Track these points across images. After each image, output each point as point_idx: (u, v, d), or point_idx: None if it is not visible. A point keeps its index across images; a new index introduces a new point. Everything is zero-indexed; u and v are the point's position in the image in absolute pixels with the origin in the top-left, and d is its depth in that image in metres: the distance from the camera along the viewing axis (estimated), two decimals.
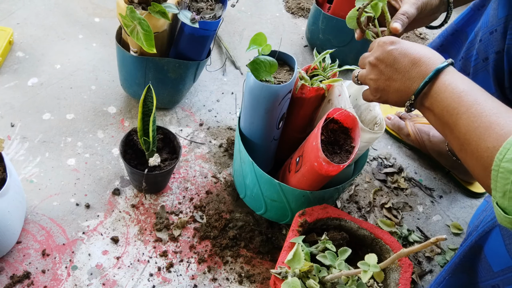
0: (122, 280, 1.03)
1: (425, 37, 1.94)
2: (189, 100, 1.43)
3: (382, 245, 0.94)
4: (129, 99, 1.38)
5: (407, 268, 0.89)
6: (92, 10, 1.62)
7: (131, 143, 1.13)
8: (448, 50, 1.21)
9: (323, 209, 0.95)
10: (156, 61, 1.19)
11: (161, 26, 1.12)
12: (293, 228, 0.92)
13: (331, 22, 1.53)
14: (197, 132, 1.35)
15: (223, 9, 1.16)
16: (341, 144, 0.93)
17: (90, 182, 1.17)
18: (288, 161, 1.08)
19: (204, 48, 1.21)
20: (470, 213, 1.35)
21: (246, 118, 1.02)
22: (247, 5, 1.84)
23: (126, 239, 1.09)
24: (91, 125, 1.29)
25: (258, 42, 0.91)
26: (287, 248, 0.88)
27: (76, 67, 1.42)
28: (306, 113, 1.05)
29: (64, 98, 1.33)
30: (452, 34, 1.20)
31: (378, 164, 1.41)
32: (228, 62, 1.59)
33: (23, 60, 1.40)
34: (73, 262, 1.03)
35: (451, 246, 1.26)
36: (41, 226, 1.07)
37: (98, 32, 1.55)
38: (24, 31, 1.48)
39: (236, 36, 1.69)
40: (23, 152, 1.19)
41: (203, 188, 1.22)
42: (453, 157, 1.34)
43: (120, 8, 1.05)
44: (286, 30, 1.79)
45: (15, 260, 1.01)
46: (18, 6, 1.56)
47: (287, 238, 0.91)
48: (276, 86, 0.90)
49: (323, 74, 1.01)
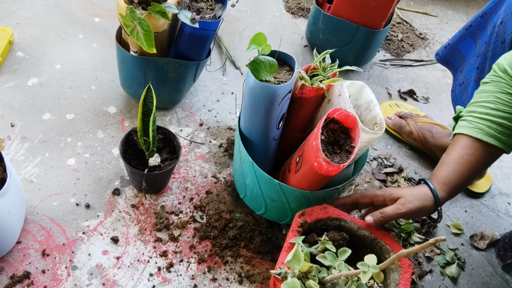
0: (122, 280, 1.03)
1: (425, 37, 1.94)
2: (189, 100, 1.43)
3: (382, 245, 0.94)
4: (129, 99, 1.38)
5: (407, 269, 0.89)
6: (92, 10, 1.62)
7: (131, 143, 1.13)
8: (474, 33, 1.21)
9: (323, 209, 0.95)
10: (156, 61, 1.19)
11: (161, 26, 1.12)
12: (292, 228, 0.92)
13: (331, 22, 1.53)
14: (197, 132, 1.35)
15: (223, 9, 1.16)
16: (341, 144, 0.93)
17: (90, 182, 1.17)
18: (288, 161, 1.08)
19: (204, 48, 1.21)
20: (470, 213, 1.35)
21: (246, 118, 1.01)
22: (247, 5, 1.84)
23: (126, 239, 1.09)
24: (91, 125, 1.29)
25: (258, 42, 0.91)
26: (286, 249, 0.88)
27: (76, 67, 1.42)
28: (306, 113, 1.05)
29: (64, 98, 1.33)
30: (481, 16, 1.19)
31: (378, 164, 1.40)
32: (228, 62, 1.59)
33: (23, 60, 1.40)
34: (73, 262, 1.03)
35: (451, 246, 1.26)
36: (41, 226, 1.07)
37: (98, 32, 1.55)
38: (24, 31, 1.48)
39: (236, 36, 1.69)
40: (23, 152, 1.19)
41: (203, 188, 1.22)
42: None
43: (120, 8, 1.05)
44: (286, 30, 1.79)
45: (15, 260, 1.01)
46: (18, 6, 1.56)
47: (287, 238, 0.91)
48: (276, 86, 0.90)
49: (323, 74, 1.01)
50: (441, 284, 1.19)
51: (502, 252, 1.26)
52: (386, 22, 1.53)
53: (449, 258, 1.22)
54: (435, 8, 2.14)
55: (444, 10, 2.14)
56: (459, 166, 0.92)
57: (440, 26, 2.04)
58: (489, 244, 1.29)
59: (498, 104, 0.89)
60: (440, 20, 2.08)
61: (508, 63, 0.89)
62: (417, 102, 1.65)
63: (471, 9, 2.19)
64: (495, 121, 0.89)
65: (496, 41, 1.05)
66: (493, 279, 1.22)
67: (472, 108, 0.94)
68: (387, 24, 1.55)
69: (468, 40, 1.24)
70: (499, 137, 0.89)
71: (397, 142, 1.49)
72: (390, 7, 1.45)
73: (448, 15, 2.12)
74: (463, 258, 1.24)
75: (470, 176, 0.94)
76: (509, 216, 1.38)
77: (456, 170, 0.92)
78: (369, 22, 1.49)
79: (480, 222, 1.34)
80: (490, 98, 0.90)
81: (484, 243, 1.28)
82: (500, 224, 1.35)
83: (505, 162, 1.53)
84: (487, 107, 0.90)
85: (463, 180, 0.93)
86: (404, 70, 1.76)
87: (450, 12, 2.14)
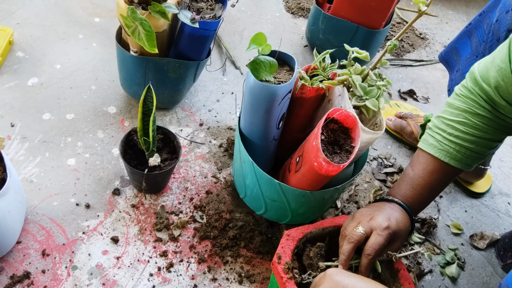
0: (122, 280, 1.03)
1: (425, 37, 1.94)
2: (189, 100, 1.43)
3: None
4: (129, 99, 1.38)
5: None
6: (92, 10, 1.62)
7: (131, 143, 1.13)
8: (470, 31, 1.21)
9: (287, 239, 0.90)
10: (156, 61, 1.19)
11: (161, 26, 1.12)
12: (282, 278, 0.84)
13: (331, 22, 1.53)
14: (197, 132, 1.35)
15: (223, 9, 1.16)
16: (341, 144, 0.93)
17: (90, 182, 1.17)
18: (288, 161, 1.08)
19: (204, 48, 1.21)
20: (470, 213, 1.35)
21: (246, 118, 1.01)
22: (247, 5, 1.84)
23: (126, 239, 1.09)
24: (91, 125, 1.29)
25: (258, 42, 0.91)
26: None
27: (76, 67, 1.42)
28: (306, 113, 1.05)
29: (64, 98, 1.33)
30: (479, 15, 1.19)
31: (378, 164, 1.41)
32: (228, 62, 1.59)
33: (23, 60, 1.40)
34: (73, 262, 1.03)
35: (451, 246, 1.26)
36: (41, 226, 1.07)
37: (98, 32, 1.55)
38: (24, 31, 1.48)
39: (236, 36, 1.69)
40: (23, 152, 1.19)
41: (203, 188, 1.22)
42: None
43: (121, 8, 1.05)
44: (286, 30, 1.79)
45: (15, 260, 1.01)
46: (18, 6, 1.56)
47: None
48: (276, 86, 0.90)
49: (323, 74, 1.01)
50: (441, 284, 1.19)
51: (502, 252, 1.26)
52: (386, 22, 1.53)
53: (449, 258, 1.22)
54: (435, 8, 2.14)
55: (444, 10, 2.14)
56: (426, 192, 0.90)
57: (440, 26, 2.04)
58: (489, 244, 1.29)
59: (467, 127, 0.86)
60: (440, 20, 2.08)
61: (480, 72, 0.85)
62: (417, 102, 1.65)
63: (471, 9, 2.19)
64: (464, 145, 0.87)
65: (492, 39, 1.05)
66: (493, 279, 1.22)
67: (441, 125, 0.90)
68: (387, 24, 1.55)
69: (465, 38, 1.24)
70: (466, 160, 0.88)
71: (397, 142, 1.49)
72: (390, 7, 1.45)
73: (448, 15, 2.12)
74: (463, 258, 1.24)
75: (431, 199, 0.94)
76: (509, 216, 1.38)
77: (422, 195, 0.91)
78: (369, 22, 1.49)
79: (480, 222, 1.34)
80: (460, 118, 0.87)
81: (484, 243, 1.28)
82: (500, 224, 1.35)
83: (505, 162, 1.53)
84: (456, 129, 0.87)
85: (425, 204, 0.94)
86: (404, 70, 1.76)
87: (450, 12, 2.14)
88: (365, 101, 0.93)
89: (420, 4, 0.83)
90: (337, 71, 0.99)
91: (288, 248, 0.88)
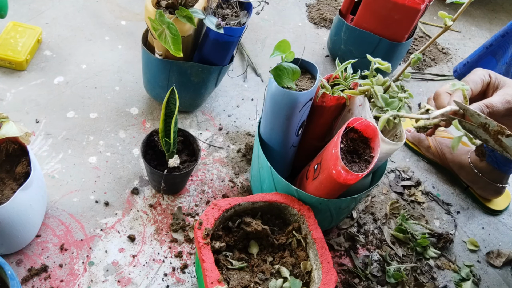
0: (137, 278, 1.04)
1: (447, 52, 1.93)
2: (209, 104, 1.45)
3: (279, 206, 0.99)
4: (151, 101, 1.40)
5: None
6: (119, 13, 1.66)
7: (152, 144, 1.15)
8: (495, 52, 1.20)
9: (214, 207, 0.93)
10: (180, 64, 1.21)
11: (187, 31, 1.15)
12: (200, 243, 0.88)
13: (354, 33, 1.54)
14: (216, 136, 1.37)
15: (248, 16, 1.17)
16: (360, 153, 0.93)
17: (110, 181, 1.19)
18: (306, 168, 1.09)
19: (228, 53, 1.23)
20: (488, 230, 1.34)
21: (267, 124, 1.03)
22: (271, 14, 1.86)
23: (143, 238, 1.11)
24: (114, 124, 1.31)
25: (282, 49, 0.92)
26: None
27: (101, 68, 1.45)
28: (326, 121, 1.06)
29: (88, 98, 1.36)
30: (502, 36, 1.18)
31: (396, 176, 1.40)
32: (249, 69, 1.60)
33: (50, 58, 1.44)
34: (90, 258, 1.05)
35: (467, 263, 1.24)
36: (61, 221, 1.10)
37: (124, 34, 1.58)
38: (52, 30, 1.52)
39: (258, 44, 1.71)
40: (46, 148, 1.22)
41: (220, 192, 1.23)
42: (475, 169, 1.33)
43: (149, 12, 1.07)
44: (308, 39, 1.80)
45: (34, 253, 1.03)
46: (47, 6, 1.60)
47: (199, 255, 0.88)
48: (298, 93, 0.91)
49: (344, 84, 1.02)
50: None
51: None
52: (409, 36, 1.53)
53: (464, 275, 1.21)
54: (458, 24, 2.13)
55: (468, 26, 2.13)
56: None
57: (463, 42, 2.03)
58: (505, 262, 1.27)
59: None
60: (463, 36, 2.07)
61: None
62: None
63: (494, 26, 2.18)
64: None
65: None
66: None
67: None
68: (410, 37, 1.56)
69: (490, 58, 1.23)
70: None
71: (415, 155, 1.48)
72: (414, 20, 1.45)
73: (471, 31, 2.11)
74: (478, 275, 1.23)
75: None
76: None
77: None
78: (392, 34, 1.49)
79: (497, 240, 1.33)
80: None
81: (500, 261, 1.27)
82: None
83: None
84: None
85: None
86: (425, 84, 1.76)
87: (474, 28, 2.13)
88: (386, 113, 0.94)
89: (446, 19, 0.84)
90: (359, 81, 0.99)
91: (212, 217, 0.92)
